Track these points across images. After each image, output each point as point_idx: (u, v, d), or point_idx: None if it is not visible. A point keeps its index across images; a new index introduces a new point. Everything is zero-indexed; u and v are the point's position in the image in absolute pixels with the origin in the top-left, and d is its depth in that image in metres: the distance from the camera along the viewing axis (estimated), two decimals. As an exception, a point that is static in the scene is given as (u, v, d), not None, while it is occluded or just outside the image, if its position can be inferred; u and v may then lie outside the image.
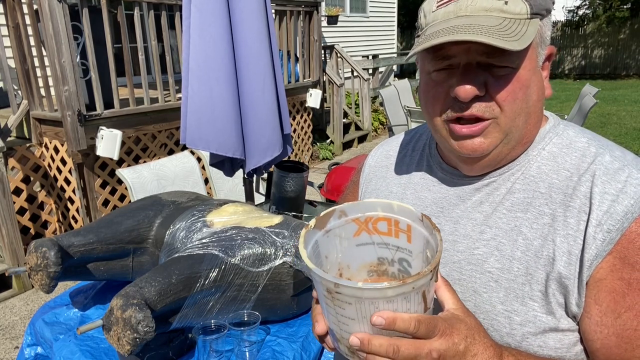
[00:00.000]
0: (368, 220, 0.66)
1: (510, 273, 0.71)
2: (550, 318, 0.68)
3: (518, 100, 0.69)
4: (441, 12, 0.70)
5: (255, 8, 2.23)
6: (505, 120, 0.70)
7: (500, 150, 0.73)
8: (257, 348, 1.36)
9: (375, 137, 8.08)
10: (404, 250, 0.66)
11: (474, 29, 0.64)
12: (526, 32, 0.65)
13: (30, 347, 1.59)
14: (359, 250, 0.69)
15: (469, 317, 0.62)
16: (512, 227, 0.72)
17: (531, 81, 0.70)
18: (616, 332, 0.65)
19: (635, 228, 0.64)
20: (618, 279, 0.64)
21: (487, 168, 0.76)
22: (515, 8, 0.67)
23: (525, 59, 0.68)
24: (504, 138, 0.71)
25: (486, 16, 0.67)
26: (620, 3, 15.16)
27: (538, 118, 0.74)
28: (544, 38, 0.71)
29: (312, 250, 0.65)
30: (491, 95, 0.69)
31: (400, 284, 0.52)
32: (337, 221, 0.67)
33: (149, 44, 4.18)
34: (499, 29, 0.65)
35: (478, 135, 0.71)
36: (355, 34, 9.99)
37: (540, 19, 0.69)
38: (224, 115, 2.28)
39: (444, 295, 0.63)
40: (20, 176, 3.76)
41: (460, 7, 0.69)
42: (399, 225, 0.65)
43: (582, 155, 0.72)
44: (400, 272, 0.68)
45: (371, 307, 0.54)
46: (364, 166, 1.01)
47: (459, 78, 0.69)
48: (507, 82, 0.68)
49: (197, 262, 1.34)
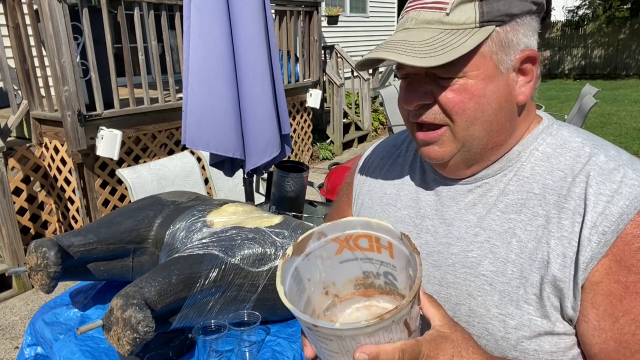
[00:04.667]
0: (348, 238, 0.66)
1: (505, 276, 0.70)
2: (545, 322, 0.67)
3: (468, 110, 0.68)
4: (399, 23, 0.73)
5: (255, 8, 2.23)
6: (458, 130, 0.70)
7: (464, 157, 0.73)
8: (257, 348, 1.36)
9: (375, 137, 8.08)
10: (388, 265, 0.66)
11: (401, 45, 0.66)
12: (463, 44, 0.64)
13: (30, 347, 1.59)
14: (342, 266, 0.68)
15: (455, 332, 0.61)
16: (506, 229, 0.71)
17: (486, 90, 0.67)
18: (614, 337, 0.64)
19: (631, 230, 0.63)
20: (614, 282, 0.63)
21: (460, 172, 0.76)
22: (459, 18, 0.65)
23: (475, 68, 0.66)
24: (461, 147, 0.71)
25: (424, 29, 0.67)
26: (620, 3, 15.17)
27: (502, 125, 0.71)
28: (510, 43, 0.67)
29: (293, 279, 0.64)
30: (439, 104, 0.69)
31: (378, 321, 0.52)
32: (317, 243, 0.66)
33: (149, 44, 4.18)
34: (428, 44, 0.65)
35: (434, 142, 0.72)
36: (355, 34, 9.98)
37: (499, 25, 0.66)
38: (223, 115, 2.28)
39: (430, 313, 0.62)
40: (20, 176, 3.76)
41: (408, 19, 0.70)
42: (380, 242, 0.64)
43: (576, 156, 0.70)
44: (386, 284, 0.68)
45: (353, 342, 0.54)
46: (358, 168, 1.00)
47: (404, 88, 0.72)
48: (453, 93, 0.67)
49: (197, 262, 1.34)
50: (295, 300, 0.63)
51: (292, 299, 0.61)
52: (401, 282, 0.65)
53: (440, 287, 0.77)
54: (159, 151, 4.41)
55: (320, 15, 6.40)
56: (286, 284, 0.62)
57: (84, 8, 3.52)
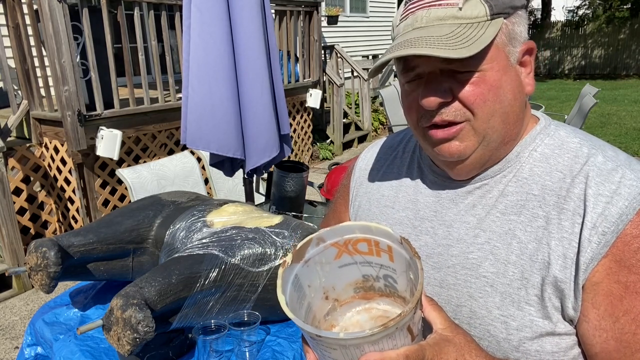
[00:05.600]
0: (347, 243, 0.66)
1: (506, 277, 0.70)
2: (546, 322, 0.67)
3: (489, 102, 0.68)
4: (402, 25, 0.72)
5: (255, 8, 2.23)
6: (479, 123, 0.69)
7: (482, 153, 0.72)
8: (257, 348, 1.36)
9: (375, 137, 8.08)
10: (388, 268, 0.65)
11: (423, 41, 0.65)
12: (483, 35, 0.65)
13: (30, 347, 1.59)
14: (342, 271, 0.68)
15: (457, 335, 0.61)
16: (506, 231, 0.71)
17: (502, 81, 0.69)
18: (615, 336, 0.64)
19: (631, 230, 0.63)
20: (615, 282, 0.63)
21: (473, 171, 0.76)
22: (472, 12, 0.66)
23: (490, 60, 0.67)
24: (481, 141, 0.71)
25: (440, 25, 0.67)
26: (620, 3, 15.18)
27: (518, 116, 0.72)
28: (515, 35, 0.70)
29: (293, 287, 0.64)
30: (459, 100, 0.69)
31: (382, 329, 0.52)
32: (316, 249, 0.66)
33: (149, 44, 4.18)
34: (449, 37, 0.65)
35: (454, 138, 0.71)
36: (355, 34, 9.98)
37: (506, 17, 0.68)
38: (224, 115, 2.28)
39: (431, 316, 0.62)
40: (20, 176, 3.76)
41: (416, 19, 0.70)
42: (379, 246, 0.64)
43: (574, 156, 0.71)
44: (386, 287, 0.68)
45: (356, 350, 0.54)
46: (354, 169, 0.99)
47: (423, 88, 0.70)
48: (473, 86, 0.68)
49: (197, 262, 1.34)
50: (296, 309, 0.63)
51: (293, 307, 0.61)
52: (401, 285, 0.65)
53: (440, 289, 0.77)
54: (159, 151, 4.40)
55: (320, 15, 6.40)
56: (287, 292, 0.62)
57: (84, 8, 3.52)
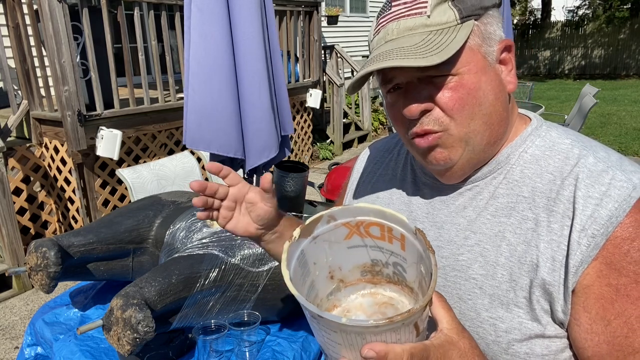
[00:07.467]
0: (359, 224, 0.64)
1: (495, 279, 0.70)
2: (535, 324, 0.67)
3: (468, 105, 0.68)
4: (375, 40, 0.73)
5: (255, 8, 2.23)
6: (460, 128, 0.69)
7: (469, 157, 0.72)
8: (257, 348, 1.36)
9: (375, 137, 8.08)
10: (398, 256, 0.64)
11: (394, 52, 0.66)
12: (454, 40, 0.65)
13: (30, 347, 1.59)
14: (350, 252, 0.67)
15: (463, 339, 0.60)
16: (496, 233, 0.71)
17: (481, 82, 0.68)
18: (607, 340, 0.63)
19: (621, 232, 0.62)
20: (606, 285, 0.63)
21: (464, 175, 0.75)
22: (441, 18, 0.67)
23: (466, 63, 0.67)
24: (465, 146, 0.71)
25: (410, 35, 0.68)
26: (620, 3, 15.18)
27: (501, 115, 0.72)
28: (489, 35, 0.69)
29: (298, 262, 0.63)
30: (439, 106, 0.69)
31: (388, 323, 0.50)
32: (326, 226, 0.65)
33: (149, 44, 4.18)
34: (420, 46, 0.65)
35: (437, 145, 0.71)
36: (355, 34, 9.98)
37: (477, 19, 0.68)
38: (224, 115, 2.28)
39: (439, 314, 0.61)
40: (20, 176, 3.76)
41: (387, 32, 0.70)
42: (392, 232, 0.63)
43: (565, 158, 0.70)
44: (395, 274, 0.67)
45: (358, 338, 0.53)
46: (352, 171, 1.00)
47: (403, 98, 0.71)
48: (451, 91, 0.68)
49: (197, 262, 1.34)
50: (298, 284, 0.61)
51: (296, 283, 0.59)
52: (410, 275, 0.64)
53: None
54: (159, 151, 4.41)
55: (320, 15, 6.40)
56: (291, 267, 0.61)
57: (84, 8, 3.51)
